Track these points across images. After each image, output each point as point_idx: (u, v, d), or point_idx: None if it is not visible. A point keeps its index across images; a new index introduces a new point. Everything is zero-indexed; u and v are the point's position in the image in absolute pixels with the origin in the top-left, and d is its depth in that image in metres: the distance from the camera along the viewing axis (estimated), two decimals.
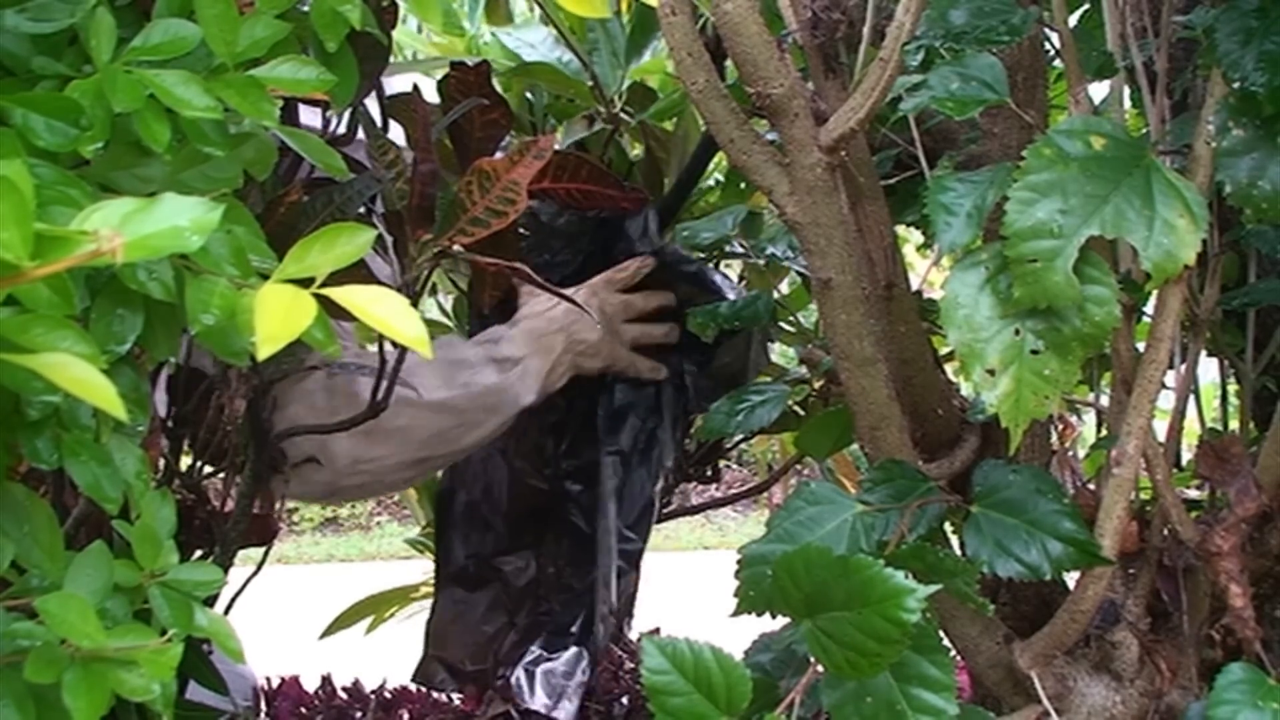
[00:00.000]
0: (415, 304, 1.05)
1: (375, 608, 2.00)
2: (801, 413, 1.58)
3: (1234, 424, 1.19)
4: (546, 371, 1.42)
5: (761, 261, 1.49)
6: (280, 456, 1.25)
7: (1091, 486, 1.08)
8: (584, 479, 1.59)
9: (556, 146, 1.30)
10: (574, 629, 1.57)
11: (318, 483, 1.29)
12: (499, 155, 1.14)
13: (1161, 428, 0.98)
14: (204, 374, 1.19)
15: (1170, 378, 0.96)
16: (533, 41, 1.69)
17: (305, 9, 0.85)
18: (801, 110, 0.91)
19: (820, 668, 0.81)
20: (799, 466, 2.09)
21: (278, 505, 1.31)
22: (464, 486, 1.62)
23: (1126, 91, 1.03)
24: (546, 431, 1.60)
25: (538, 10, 1.68)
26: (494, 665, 1.63)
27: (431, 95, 1.23)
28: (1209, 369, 1.20)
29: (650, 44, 1.67)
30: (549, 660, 1.56)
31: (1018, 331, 0.86)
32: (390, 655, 1.94)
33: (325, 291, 0.62)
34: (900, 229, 1.26)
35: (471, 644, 1.64)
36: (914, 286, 1.12)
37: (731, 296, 1.49)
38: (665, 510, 1.99)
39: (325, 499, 1.30)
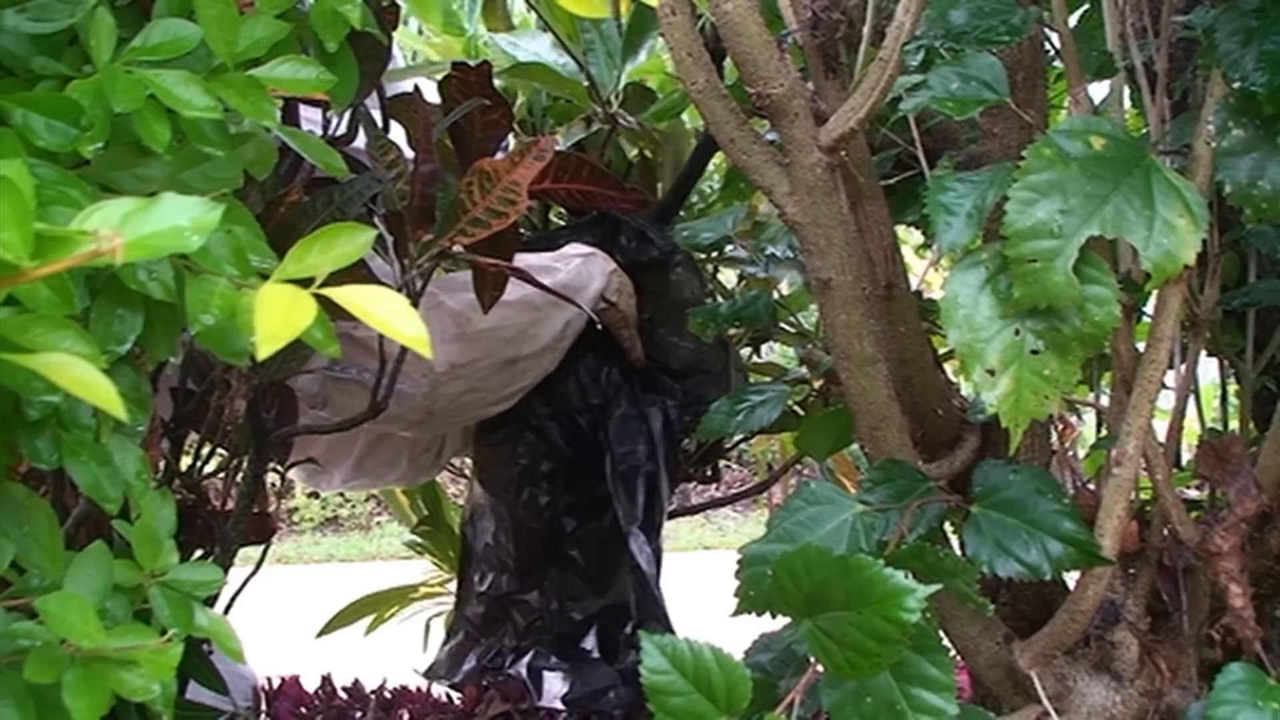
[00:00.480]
0: (415, 304, 1.05)
1: (374, 607, 2.00)
2: (801, 413, 1.58)
3: (1234, 424, 1.19)
4: (607, 271, 1.52)
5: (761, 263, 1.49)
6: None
7: (1091, 486, 1.08)
8: (579, 514, 1.70)
9: (557, 147, 1.31)
10: (586, 644, 1.65)
11: (415, 396, 1.36)
12: (500, 156, 1.14)
13: (1161, 428, 0.98)
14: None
15: (1170, 378, 0.96)
16: (529, 45, 1.69)
17: (305, 9, 0.84)
18: (801, 110, 0.91)
19: (820, 668, 0.81)
20: (799, 466, 2.09)
21: (278, 505, 1.31)
22: (484, 529, 1.72)
23: (1126, 91, 1.03)
24: (540, 480, 1.70)
25: (534, 16, 1.68)
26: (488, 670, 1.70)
27: (432, 95, 1.23)
28: (1209, 369, 1.20)
29: (646, 44, 1.67)
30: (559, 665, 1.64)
31: (1018, 331, 0.86)
32: (390, 655, 1.94)
33: (325, 291, 0.62)
34: (900, 229, 1.26)
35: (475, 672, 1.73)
36: (914, 286, 1.12)
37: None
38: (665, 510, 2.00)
39: (422, 421, 1.36)
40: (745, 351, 1.95)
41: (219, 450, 1.25)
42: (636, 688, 1.56)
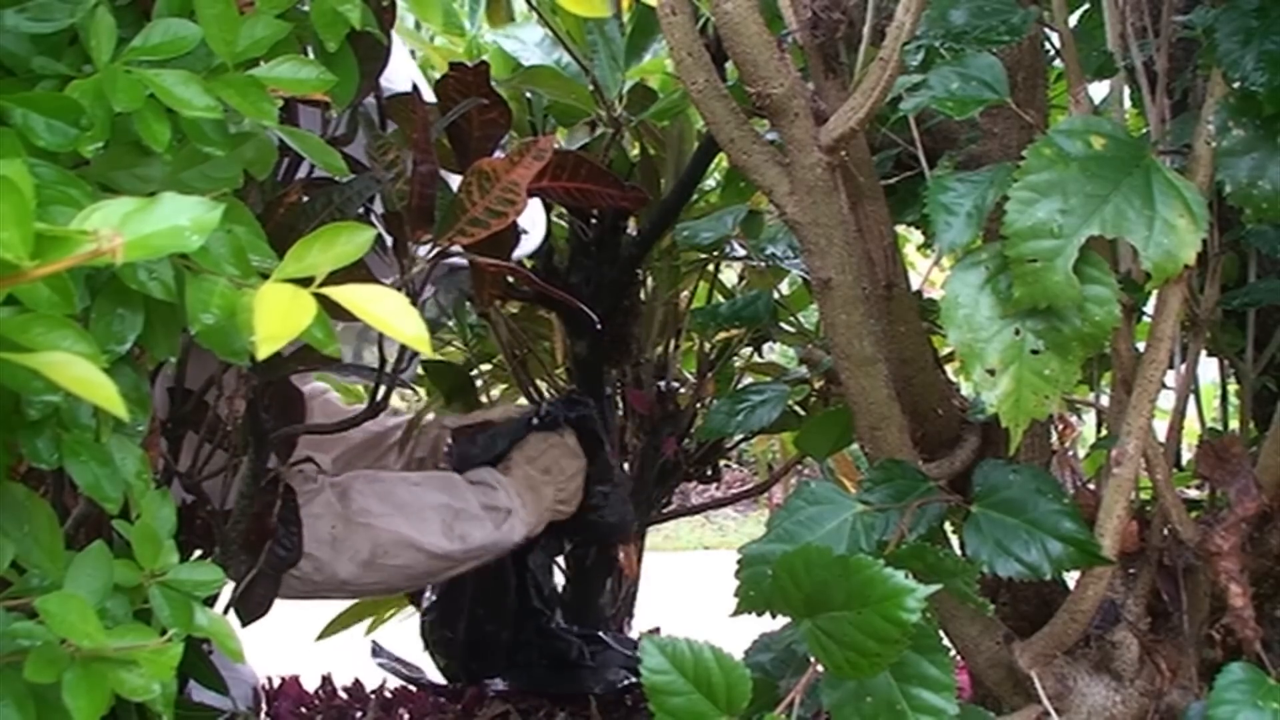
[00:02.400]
0: (415, 304, 1.05)
1: (374, 610, 2.00)
2: (801, 413, 1.58)
3: (1234, 424, 1.19)
4: (533, 524, 1.54)
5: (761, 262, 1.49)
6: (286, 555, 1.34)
7: (1091, 486, 1.08)
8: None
9: (556, 147, 1.31)
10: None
11: (297, 587, 1.39)
12: (498, 155, 1.14)
13: (1161, 428, 0.98)
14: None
15: (1170, 378, 0.96)
16: (531, 43, 1.69)
17: (305, 9, 0.84)
18: (801, 110, 0.91)
19: (820, 667, 0.81)
20: (799, 466, 2.09)
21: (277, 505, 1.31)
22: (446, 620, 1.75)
23: (1126, 91, 1.03)
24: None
25: (536, 16, 1.68)
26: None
27: (428, 93, 1.24)
28: (1209, 369, 1.20)
29: (650, 46, 1.67)
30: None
31: (1018, 331, 0.86)
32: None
33: (325, 291, 0.62)
34: (900, 229, 1.26)
35: None
36: (914, 286, 1.12)
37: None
38: (665, 510, 2.00)
39: (293, 598, 1.41)
40: (746, 351, 1.95)
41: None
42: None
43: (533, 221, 1.52)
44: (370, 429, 1.56)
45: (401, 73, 1.31)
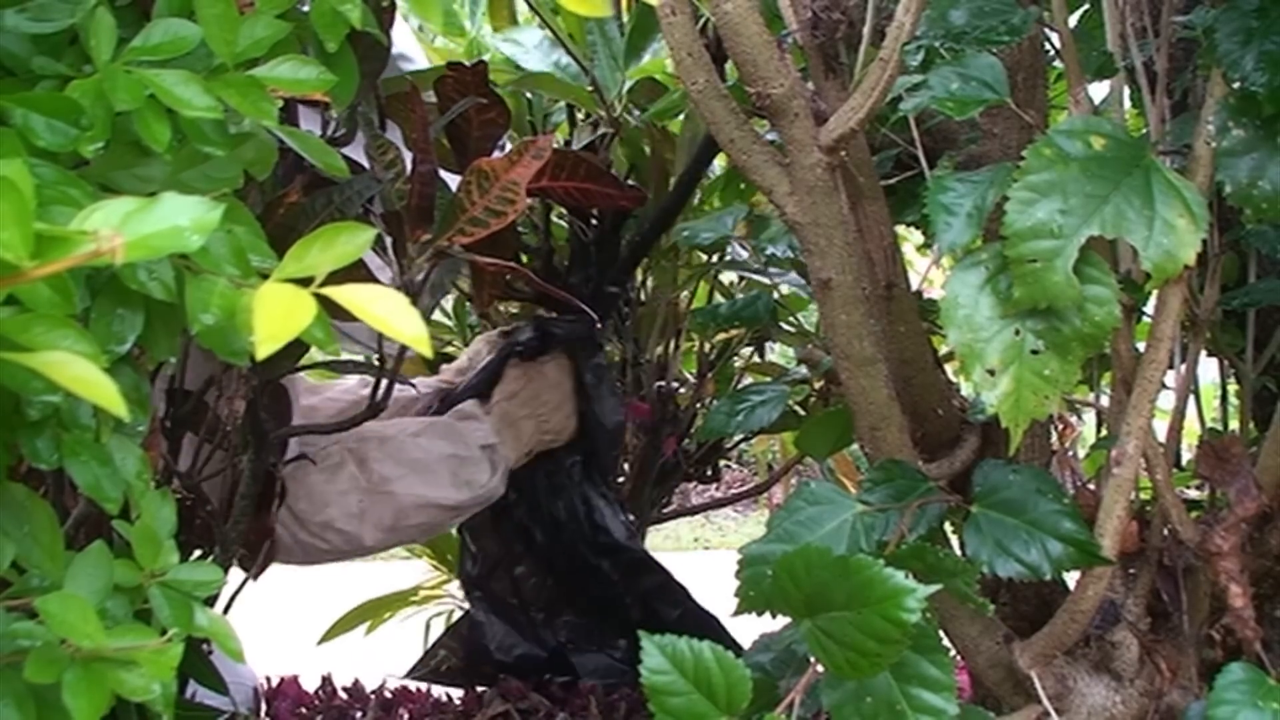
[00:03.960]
0: (415, 304, 1.05)
1: (374, 612, 2.00)
2: (801, 413, 1.58)
3: (1234, 424, 1.19)
4: (515, 459, 1.55)
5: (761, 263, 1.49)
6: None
7: (1091, 486, 1.08)
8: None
9: (555, 146, 1.31)
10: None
11: (327, 557, 1.44)
12: (497, 155, 1.14)
13: (1161, 428, 0.98)
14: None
15: (1170, 378, 0.96)
16: (530, 46, 1.69)
17: (305, 9, 0.84)
18: (801, 110, 0.91)
19: (820, 668, 0.81)
20: (799, 466, 2.09)
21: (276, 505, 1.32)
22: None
23: (1126, 91, 1.03)
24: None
25: (537, 17, 1.68)
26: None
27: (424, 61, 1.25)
28: (1209, 369, 1.20)
29: (650, 46, 1.67)
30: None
31: (1018, 331, 0.86)
32: (390, 655, 1.94)
33: (325, 291, 0.62)
34: (900, 229, 1.26)
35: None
36: (914, 286, 1.12)
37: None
38: (665, 510, 2.00)
39: (315, 564, 1.43)
40: (746, 351, 1.95)
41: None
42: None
43: (417, 52, 1.55)
44: (342, 401, 1.57)
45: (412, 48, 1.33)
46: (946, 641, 0.97)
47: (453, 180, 1.13)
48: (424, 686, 1.78)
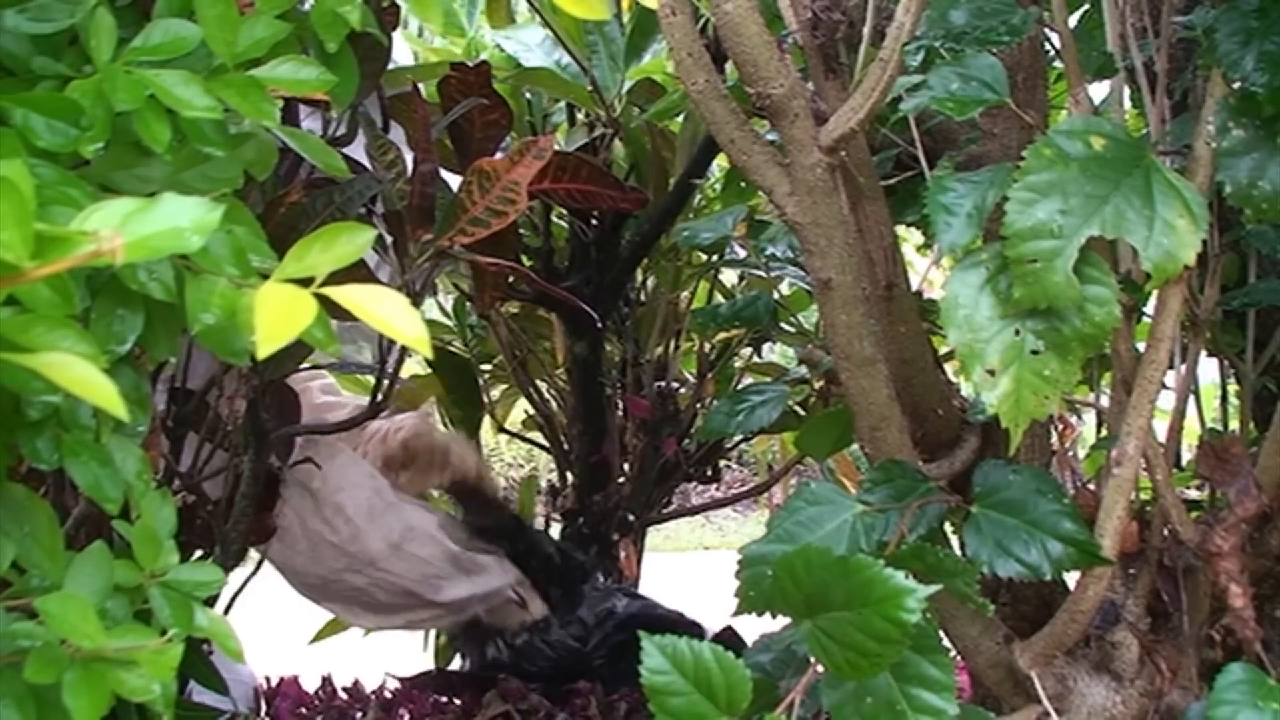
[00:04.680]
0: (416, 304, 1.05)
1: None
2: (801, 413, 1.58)
3: (1234, 424, 1.19)
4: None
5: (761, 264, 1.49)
6: None
7: (1091, 486, 1.08)
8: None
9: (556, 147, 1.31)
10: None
11: (331, 556, 1.47)
12: (499, 155, 1.14)
13: (1161, 428, 0.98)
14: None
15: (1170, 378, 0.96)
16: (532, 44, 1.69)
17: (305, 9, 0.84)
18: (801, 110, 0.91)
19: (820, 668, 0.81)
20: (799, 466, 2.09)
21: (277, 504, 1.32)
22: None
23: (1126, 91, 1.03)
24: None
25: (537, 17, 1.68)
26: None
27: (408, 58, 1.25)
28: (1209, 369, 1.20)
29: (650, 47, 1.67)
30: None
31: (1018, 331, 0.86)
32: (390, 655, 1.94)
33: (325, 291, 0.62)
34: (900, 229, 1.26)
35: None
36: (914, 286, 1.12)
37: None
38: (665, 510, 2.00)
39: (327, 573, 1.46)
40: (746, 351, 1.95)
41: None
42: None
43: (402, 49, 1.59)
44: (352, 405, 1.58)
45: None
46: (946, 642, 0.97)
47: (455, 181, 1.13)
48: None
